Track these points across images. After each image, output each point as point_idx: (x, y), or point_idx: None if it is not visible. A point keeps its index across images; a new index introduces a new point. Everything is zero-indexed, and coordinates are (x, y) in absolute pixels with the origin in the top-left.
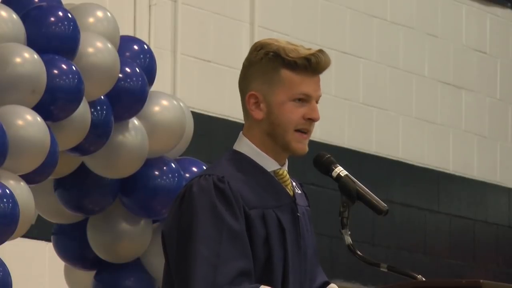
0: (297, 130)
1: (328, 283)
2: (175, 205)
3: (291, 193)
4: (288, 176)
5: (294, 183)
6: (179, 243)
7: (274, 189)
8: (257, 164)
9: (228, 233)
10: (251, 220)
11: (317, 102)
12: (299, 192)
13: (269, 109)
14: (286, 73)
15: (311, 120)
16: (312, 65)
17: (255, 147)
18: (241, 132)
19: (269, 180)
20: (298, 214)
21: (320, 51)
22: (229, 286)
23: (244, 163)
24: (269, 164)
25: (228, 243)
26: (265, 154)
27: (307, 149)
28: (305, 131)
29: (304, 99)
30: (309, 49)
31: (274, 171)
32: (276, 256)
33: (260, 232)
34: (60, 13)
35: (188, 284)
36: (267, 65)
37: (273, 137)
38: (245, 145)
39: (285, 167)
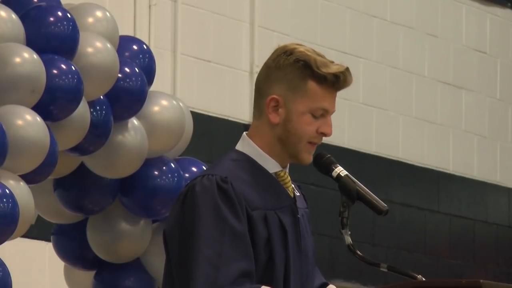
0: (309, 142)
1: (326, 284)
2: (178, 204)
3: (291, 194)
4: (289, 178)
5: (293, 186)
6: (181, 243)
7: (275, 190)
8: (259, 165)
9: (230, 234)
10: (254, 221)
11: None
12: (298, 194)
13: (288, 116)
14: (312, 85)
15: (323, 135)
16: (339, 82)
17: (258, 148)
18: (244, 132)
19: (271, 182)
20: (299, 216)
21: (348, 70)
22: (230, 287)
23: (247, 163)
24: (271, 165)
25: (230, 243)
26: (268, 156)
27: (312, 159)
28: (315, 143)
29: (322, 114)
30: (337, 64)
31: (275, 173)
32: (278, 257)
33: (262, 233)
34: (60, 13)
35: (189, 284)
36: (295, 72)
37: (284, 144)
38: (248, 146)
39: (287, 169)
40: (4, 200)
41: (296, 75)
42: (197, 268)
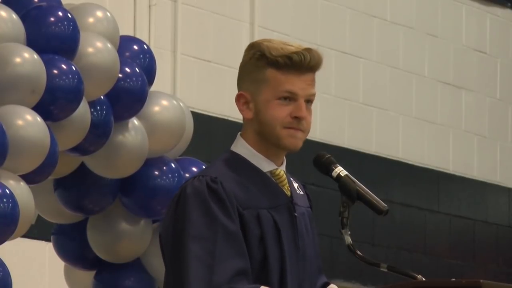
0: (286, 128)
1: (327, 284)
2: (171, 207)
3: (288, 193)
4: (285, 176)
5: (296, 184)
6: (174, 245)
7: (270, 189)
8: (253, 165)
9: (222, 233)
10: (245, 220)
11: (310, 101)
12: (301, 193)
13: (257, 108)
14: (271, 72)
15: (298, 119)
16: (294, 63)
17: (250, 148)
18: (239, 133)
19: (265, 181)
20: (296, 214)
21: (307, 49)
22: (228, 285)
23: (240, 163)
24: (265, 164)
25: (223, 242)
26: (260, 154)
27: (300, 144)
28: (296, 128)
29: (291, 97)
30: (294, 46)
31: (270, 172)
32: (272, 256)
33: (254, 232)
34: (60, 13)
35: (183, 285)
36: (254, 64)
37: (264, 136)
38: (241, 146)
39: (283, 167)
40: (4, 200)
41: (255, 67)
42: (190, 269)
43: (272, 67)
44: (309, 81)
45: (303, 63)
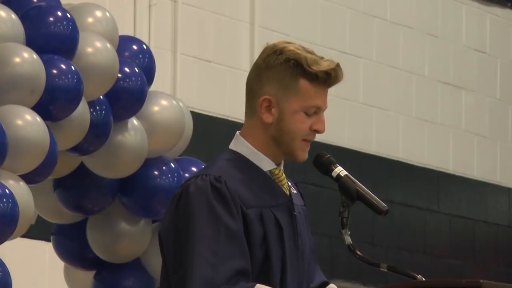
0: (303, 140)
1: (327, 283)
2: (172, 206)
3: (287, 192)
4: (284, 175)
5: (289, 183)
6: (176, 243)
7: (270, 188)
8: (253, 164)
9: (225, 232)
10: (249, 219)
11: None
12: (295, 192)
13: (281, 115)
14: (304, 84)
15: (317, 132)
16: (331, 79)
17: (251, 146)
18: (237, 131)
19: (266, 180)
20: (295, 213)
21: (339, 65)
22: (226, 286)
23: (241, 162)
24: (265, 163)
25: (226, 242)
26: (261, 154)
27: (307, 156)
28: (309, 140)
29: (315, 112)
30: (327, 60)
31: (270, 171)
32: (274, 255)
33: (257, 231)
34: (59, 13)
35: (185, 284)
36: (286, 71)
37: (279, 143)
38: (241, 145)
39: (281, 167)
40: (4, 200)
41: (287, 74)
42: (193, 268)
43: (306, 79)
44: (327, 94)
45: (336, 80)
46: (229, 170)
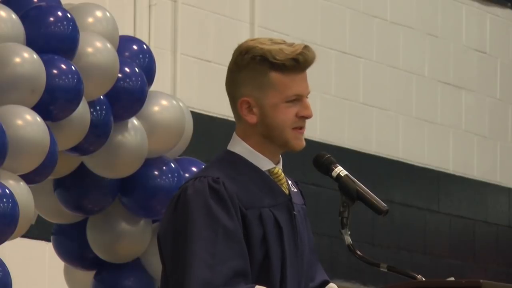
0: (293, 128)
1: (327, 282)
2: (171, 207)
3: (286, 191)
4: (283, 174)
5: (289, 182)
6: (174, 245)
7: (269, 188)
8: (251, 164)
9: (223, 233)
10: (248, 220)
11: (307, 96)
12: (295, 190)
13: (263, 112)
14: (275, 76)
15: (304, 118)
16: (300, 64)
17: (249, 147)
18: (234, 132)
19: (265, 180)
20: (294, 213)
21: (305, 47)
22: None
23: (239, 163)
24: (263, 163)
25: (224, 243)
26: (259, 154)
27: (304, 143)
28: (300, 128)
29: (297, 99)
30: (292, 45)
31: (269, 170)
32: (274, 255)
33: (257, 231)
34: (59, 13)
35: (183, 285)
36: (255, 69)
37: (271, 139)
38: (239, 146)
39: (280, 165)
40: (4, 200)
41: (257, 72)
42: (191, 270)
43: (276, 71)
44: (306, 78)
45: (306, 63)
46: (227, 171)
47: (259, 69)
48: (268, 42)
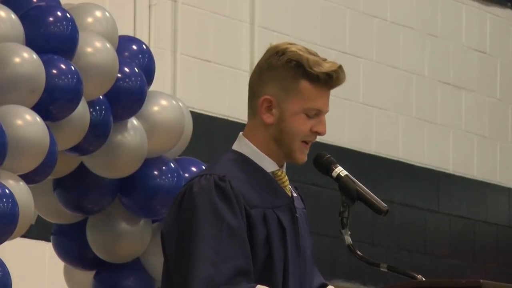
0: (303, 141)
1: (325, 285)
2: (175, 205)
3: (289, 194)
4: (286, 177)
5: (290, 186)
6: (179, 242)
7: (273, 189)
8: (256, 165)
9: (227, 232)
10: (252, 219)
11: (324, 114)
12: (295, 195)
13: (281, 116)
14: (305, 85)
15: (317, 133)
16: (332, 81)
17: (255, 147)
18: (240, 132)
19: (269, 181)
20: (297, 215)
21: (341, 67)
22: (225, 286)
23: (244, 163)
24: (268, 165)
25: (228, 241)
26: (265, 155)
27: (306, 159)
28: (307, 142)
29: (316, 113)
30: (329, 62)
31: (272, 172)
32: (277, 255)
33: (261, 231)
34: (59, 13)
35: (187, 282)
36: (287, 72)
37: (279, 143)
38: (244, 146)
39: (283, 168)
40: (4, 200)
41: (288, 75)
42: (195, 267)
43: (308, 80)
44: (329, 96)
45: (337, 82)
46: (233, 169)
47: (291, 73)
48: (304, 50)
